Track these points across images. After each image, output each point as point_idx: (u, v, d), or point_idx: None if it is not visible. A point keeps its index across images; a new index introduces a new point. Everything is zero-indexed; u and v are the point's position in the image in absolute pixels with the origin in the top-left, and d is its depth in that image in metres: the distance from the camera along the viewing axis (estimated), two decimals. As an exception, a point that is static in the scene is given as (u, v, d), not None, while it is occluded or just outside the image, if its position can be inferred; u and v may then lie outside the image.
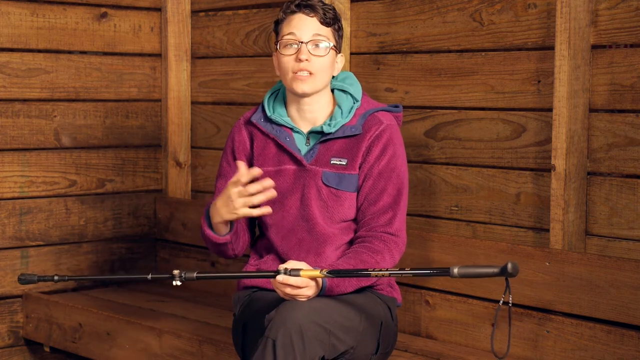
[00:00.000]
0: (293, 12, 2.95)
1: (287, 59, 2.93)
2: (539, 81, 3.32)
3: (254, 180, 2.81)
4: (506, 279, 2.55)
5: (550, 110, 3.28)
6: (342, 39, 3.02)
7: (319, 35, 2.93)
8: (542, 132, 3.33)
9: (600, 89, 3.18)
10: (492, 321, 3.32)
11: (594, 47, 3.19)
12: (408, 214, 3.47)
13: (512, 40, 3.39)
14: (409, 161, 3.51)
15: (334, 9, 2.99)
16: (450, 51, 3.57)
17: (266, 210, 2.82)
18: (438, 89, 3.61)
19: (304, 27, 2.93)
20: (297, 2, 2.96)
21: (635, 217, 3.12)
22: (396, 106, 3.08)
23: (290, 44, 2.93)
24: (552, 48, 3.24)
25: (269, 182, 2.81)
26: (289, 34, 2.93)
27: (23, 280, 2.86)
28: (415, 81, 3.67)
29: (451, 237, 3.44)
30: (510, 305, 2.59)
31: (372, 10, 3.78)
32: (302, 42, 2.91)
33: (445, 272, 2.58)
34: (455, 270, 2.56)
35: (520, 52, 3.37)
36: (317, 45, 2.92)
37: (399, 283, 3.33)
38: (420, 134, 3.66)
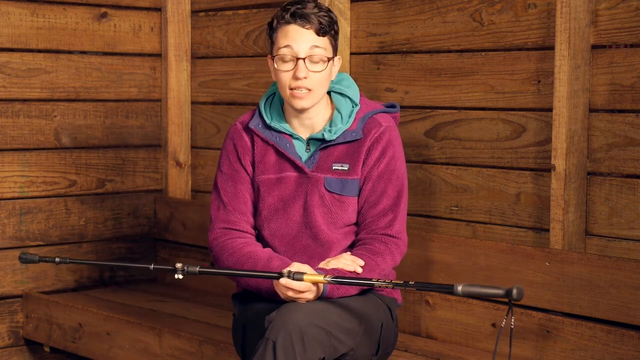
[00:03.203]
0: (288, 23, 2.87)
1: (285, 75, 2.87)
2: (539, 81, 3.32)
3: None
4: (509, 302, 2.50)
5: (550, 110, 3.27)
6: (338, 40, 2.95)
7: (316, 47, 2.85)
8: (542, 132, 3.33)
9: (600, 89, 3.18)
10: (492, 321, 3.32)
11: (594, 47, 3.19)
12: (408, 214, 3.47)
13: (512, 40, 3.39)
14: (408, 161, 3.52)
15: (328, 12, 2.90)
16: (450, 51, 3.57)
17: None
18: (438, 89, 3.61)
19: (300, 40, 2.85)
20: (291, 11, 2.86)
21: (635, 217, 3.12)
22: (393, 106, 3.07)
23: (287, 59, 2.87)
24: (552, 48, 3.24)
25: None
26: (285, 46, 2.86)
27: (24, 259, 2.87)
28: (415, 81, 3.67)
29: (451, 237, 3.44)
30: (512, 327, 2.54)
31: (372, 10, 3.78)
32: (299, 58, 2.85)
33: (449, 289, 2.55)
34: (459, 288, 2.51)
35: (520, 52, 3.37)
36: (314, 60, 2.86)
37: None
38: (420, 134, 3.66)
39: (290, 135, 2.97)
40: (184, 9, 4.52)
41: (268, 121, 2.98)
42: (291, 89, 2.87)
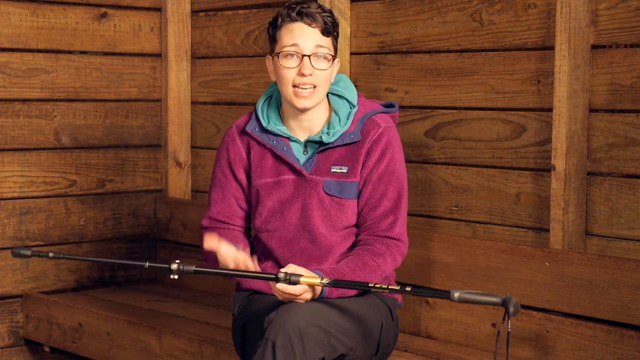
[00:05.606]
0: (294, 21, 2.87)
1: (289, 72, 2.87)
2: (539, 81, 3.32)
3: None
4: (506, 310, 2.49)
5: (550, 110, 3.27)
6: (337, 43, 2.96)
7: (321, 47, 2.87)
8: (542, 132, 3.33)
9: (600, 89, 3.18)
10: (492, 321, 3.32)
11: (594, 47, 3.19)
12: (408, 214, 3.47)
13: (512, 40, 3.39)
14: (408, 161, 3.52)
15: (332, 14, 2.91)
16: (450, 51, 3.57)
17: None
18: (438, 89, 3.61)
19: (306, 38, 2.86)
20: (297, 10, 2.87)
21: (635, 217, 3.12)
22: (392, 105, 3.06)
23: (292, 55, 2.87)
24: (552, 48, 3.24)
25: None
26: (291, 45, 2.86)
27: (16, 253, 2.83)
28: (415, 81, 3.67)
29: (451, 237, 3.44)
30: (509, 331, 2.53)
31: (372, 10, 3.78)
32: (304, 55, 2.85)
33: (445, 294, 2.54)
34: (456, 295, 2.51)
35: (520, 52, 3.37)
36: (318, 57, 2.86)
37: (399, 283, 3.33)
38: (420, 134, 3.66)
39: (288, 138, 2.96)
40: (184, 9, 4.52)
41: (265, 124, 2.96)
42: (295, 85, 2.87)
